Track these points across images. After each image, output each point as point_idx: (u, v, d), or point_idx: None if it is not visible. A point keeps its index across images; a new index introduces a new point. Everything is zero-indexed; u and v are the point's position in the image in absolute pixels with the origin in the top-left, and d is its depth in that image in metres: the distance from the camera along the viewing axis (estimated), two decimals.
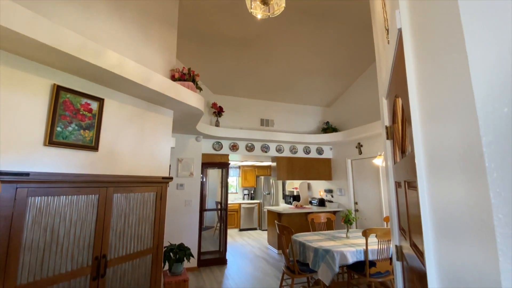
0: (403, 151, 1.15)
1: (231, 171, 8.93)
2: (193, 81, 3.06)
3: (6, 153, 1.60)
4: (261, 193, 8.69)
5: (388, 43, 1.24)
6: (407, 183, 1.07)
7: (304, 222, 5.30)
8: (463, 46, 0.46)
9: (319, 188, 6.53)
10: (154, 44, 2.79)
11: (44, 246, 1.40)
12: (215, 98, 5.26)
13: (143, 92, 2.39)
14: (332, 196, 5.91)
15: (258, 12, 1.75)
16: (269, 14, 1.71)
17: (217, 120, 5.03)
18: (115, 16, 2.37)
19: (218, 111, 5.00)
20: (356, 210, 5.20)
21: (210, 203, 7.09)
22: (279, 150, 5.71)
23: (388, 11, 1.20)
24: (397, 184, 1.40)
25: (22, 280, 1.31)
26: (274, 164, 5.91)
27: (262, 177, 8.75)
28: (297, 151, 5.87)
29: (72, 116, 1.95)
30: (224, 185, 5.29)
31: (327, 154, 6.10)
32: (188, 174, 4.42)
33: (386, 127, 1.60)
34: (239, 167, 9.23)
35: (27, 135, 1.70)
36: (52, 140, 1.81)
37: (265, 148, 5.58)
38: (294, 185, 8.06)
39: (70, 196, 1.51)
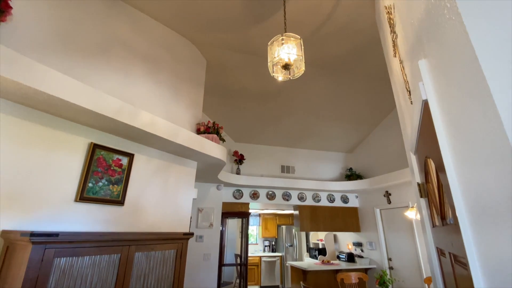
0: (442, 217, 1.06)
1: (251, 219, 8.63)
2: (217, 133, 3.19)
3: (39, 211, 1.68)
4: (283, 244, 8.18)
5: (411, 103, 1.24)
6: (453, 256, 0.96)
7: (333, 282, 4.80)
8: (496, 113, 0.44)
9: (346, 240, 6.05)
10: (183, 101, 3.01)
11: None
12: (236, 146, 5.39)
13: (171, 146, 2.51)
14: (362, 251, 5.41)
15: (280, 75, 1.87)
16: (289, 76, 1.82)
17: (238, 168, 5.07)
18: (150, 79, 2.64)
19: (239, 159, 5.08)
20: (391, 268, 4.66)
21: (229, 256, 6.73)
22: (301, 198, 5.52)
23: (408, 75, 1.23)
24: (440, 251, 1.25)
25: None
26: (296, 212, 5.67)
27: (284, 226, 8.33)
28: (320, 199, 5.63)
29: (104, 171, 2.05)
30: (245, 236, 5.08)
31: (353, 202, 5.78)
32: (208, 225, 4.32)
33: (419, 184, 1.50)
34: (259, 215, 8.94)
35: (61, 192, 1.80)
36: (83, 196, 1.89)
37: (286, 196, 5.43)
38: (318, 237, 7.54)
39: (93, 257, 1.51)
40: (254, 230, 8.91)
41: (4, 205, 1.54)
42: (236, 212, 4.98)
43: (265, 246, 8.56)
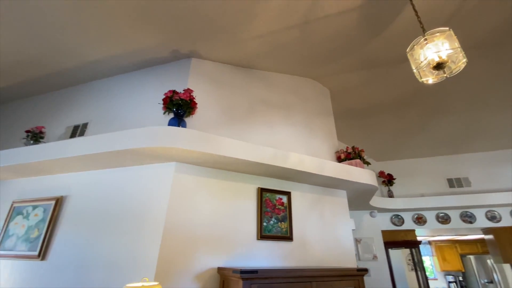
0: None
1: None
2: (360, 157, 3.04)
3: (234, 250, 2.09)
4: (477, 281, 6.17)
5: None
6: None
7: None
8: None
9: None
10: (318, 135, 3.14)
11: None
12: (379, 166, 4.89)
13: (319, 179, 2.60)
14: None
15: (430, 77, 1.63)
16: (445, 75, 1.55)
17: (389, 190, 4.50)
18: (287, 123, 2.95)
19: (388, 180, 4.53)
20: None
21: None
22: (492, 218, 4.13)
23: None
24: None
25: None
26: (489, 237, 4.25)
27: (472, 256, 6.36)
28: None
29: (272, 211, 2.35)
30: (421, 269, 4.22)
31: None
32: (371, 257, 3.94)
33: None
34: (428, 242, 7.32)
35: (246, 233, 2.19)
36: (262, 234, 2.21)
37: (467, 218, 4.22)
38: None
39: None
40: (427, 261, 7.29)
41: (215, 247, 2.03)
42: (400, 241, 4.31)
43: (450, 282, 6.73)
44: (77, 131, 2.68)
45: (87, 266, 1.96)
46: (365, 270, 2.05)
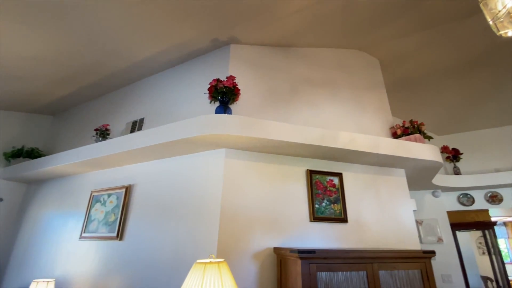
0: None
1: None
2: (419, 131, 2.75)
3: (288, 231, 2.11)
4: None
5: None
6: None
7: None
8: None
9: None
10: (369, 111, 2.91)
11: None
12: (441, 140, 4.37)
13: (373, 158, 2.43)
14: None
15: (510, 29, 1.35)
16: None
17: (454, 167, 4.02)
18: (334, 101, 2.79)
19: (453, 155, 4.04)
20: None
21: (471, 278, 5.19)
22: None
23: None
24: None
25: None
26: None
27: None
28: None
29: (323, 193, 2.30)
30: (496, 253, 3.76)
31: None
32: (435, 239, 3.62)
33: None
34: (504, 223, 6.46)
35: (299, 215, 2.18)
36: (314, 216, 2.18)
37: None
38: None
39: (344, 272, 1.64)
40: (502, 244, 6.47)
41: (270, 228, 2.07)
42: (469, 222, 3.86)
43: None
44: (136, 126, 2.94)
45: (156, 246, 2.18)
46: (432, 253, 1.89)
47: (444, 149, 4.10)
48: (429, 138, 2.87)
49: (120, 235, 2.40)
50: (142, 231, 2.33)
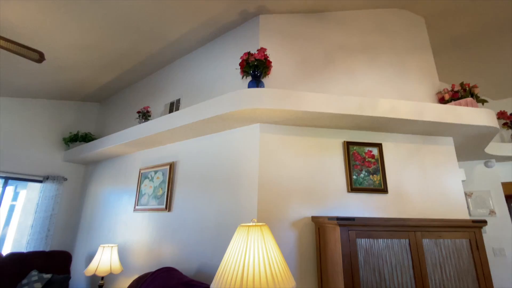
0: None
1: None
2: (471, 95, 2.49)
3: (325, 201, 2.12)
4: None
5: None
6: None
7: None
8: None
9: None
10: (412, 75, 2.68)
11: (376, 286, 1.56)
12: (498, 105, 3.91)
13: (417, 127, 2.28)
14: None
15: None
16: None
17: None
18: (371, 67, 2.61)
19: (511, 121, 3.60)
20: None
21: None
22: None
23: None
24: None
25: None
26: None
27: None
28: None
29: (361, 164, 2.24)
30: None
31: None
32: (486, 212, 3.37)
33: None
34: None
35: (336, 186, 2.17)
36: (352, 187, 2.16)
37: None
38: None
39: (385, 240, 1.63)
40: None
41: (307, 199, 2.11)
42: None
43: None
44: (173, 107, 3.08)
45: (201, 215, 2.36)
46: (483, 222, 1.78)
47: (501, 115, 3.66)
48: (483, 101, 2.59)
49: (168, 207, 2.63)
50: (188, 203, 2.52)
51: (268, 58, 2.23)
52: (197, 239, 2.33)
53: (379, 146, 2.32)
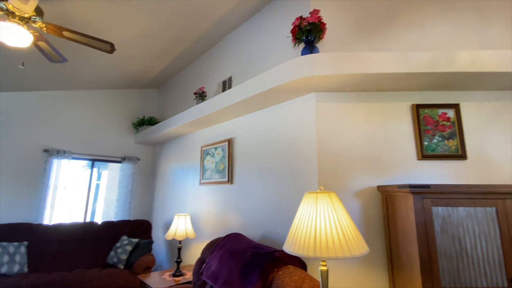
0: None
1: None
2: None
3: (393, 170, 2.00)
4: None
5: None
6: None
7: None
8: None
9: None
10: (497, 20, 2.23)
11: (456, 255, 1.46)
12: None
13: (503, 81, 1.93)
14: None
15: None
16: None
17: None
18: (445, 15, 2.24)
19: None
20: None
21: None
22: None
23: None
24: None
25: (445, 283, 1.45)
26: None
27: None
28: None
29: (434, 128, 2.02)
30: None
31: None
32: None
33: None
34: None
35: (405, 153, 2.02)
36: (423, 154, 1.98)
37: None
38: None
39: (467, 208, 1.49)
40: None
41: (371, 168, 2.02)
42: None
43: None
44: (226, 85, 3.17)
45: (262, 186, 2.48)
46: None
47: None
48: None
49: (230, 180, 2.82)
50: (248, 175, 2.65)
51: (322, 20, 2.09)
52: (259, 208, 2.47)
53: (455, 107, 2.04)
